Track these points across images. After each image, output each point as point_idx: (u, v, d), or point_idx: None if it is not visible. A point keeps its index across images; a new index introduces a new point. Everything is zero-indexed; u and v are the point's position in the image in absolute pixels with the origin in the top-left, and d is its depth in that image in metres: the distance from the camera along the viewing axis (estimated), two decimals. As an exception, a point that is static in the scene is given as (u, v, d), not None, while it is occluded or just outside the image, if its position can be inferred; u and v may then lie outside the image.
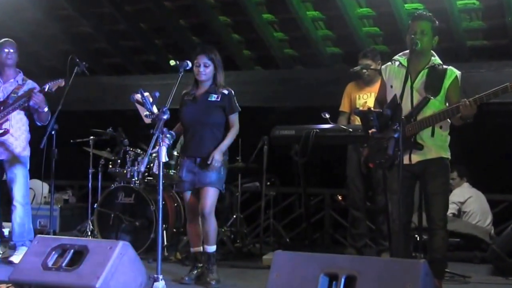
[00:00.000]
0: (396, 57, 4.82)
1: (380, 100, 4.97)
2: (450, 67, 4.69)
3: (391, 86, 4.74)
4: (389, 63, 4.87)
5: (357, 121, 5.99)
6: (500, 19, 6.89)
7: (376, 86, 6.27)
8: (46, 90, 5.81)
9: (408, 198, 4.72)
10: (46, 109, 5.94)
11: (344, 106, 6.55)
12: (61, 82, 5.86)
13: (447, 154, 4.71)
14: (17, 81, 6.11)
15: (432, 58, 4.71)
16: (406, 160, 4.61)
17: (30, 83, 6.12)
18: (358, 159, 6.38)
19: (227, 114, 5.35)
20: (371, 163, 4.89)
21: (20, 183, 6.01)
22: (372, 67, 6.33)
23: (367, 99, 6.37)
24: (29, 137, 6.14)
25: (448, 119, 4.64)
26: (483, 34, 7.29)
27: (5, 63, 6.06)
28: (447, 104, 4.63)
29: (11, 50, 6.06)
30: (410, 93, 4.64)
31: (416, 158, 4.65)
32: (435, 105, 4.59)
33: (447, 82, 4.62)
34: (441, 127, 4.64)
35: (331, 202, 8.26)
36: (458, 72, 4.67)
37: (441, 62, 4.70)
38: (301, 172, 6.22)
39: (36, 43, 8.87)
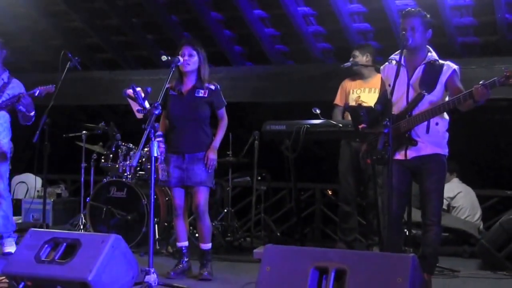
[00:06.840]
0: (392, 56, 4.83)
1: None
2: (448, 62, 4.70)
3: (389, 85, 4.72)
4: (387, 63, 4.89)
5: (349, 116, 6.01)
6: (490, 16, 6.90)
7: (372, 83, 6.34)
8: (36, 95, 5.89)
9: (403, 193, 4.77)
10: (32, 113, 6.00)
11: (338, 100, 6.58)
12: (51, 89, 5.94)
13: (444, 151, 4.74)
14: (3, 79, 6.13)
15: (429, 53, 4.72)
16: (401, 156, 4.68)
17: (16, 83, 6.15)
18: (351, 155, 6.42)
19: (215, 109, 5.39)
20: (368, 159, 4.92)
21: (2, 177, 6.06)
22: (357, 59, 6.38)
23: (360, 93, 6.39)
24: (10, 134, 6.16)
25: (445, 116, 4.68)
26: (474, 30, 7.32)
27: None
28: (447, 99, 4.65)
29: None
30: (406, 89, 4.68)
31: (411, 153, 4.68)
32: (432, 100, 4.62)
33: (443, 77, 4.64)
34: (437, 124, 4.65)
35: (321, 196, 8.31)
36: (455, 66, 4.68)
37: (437, 58, 4.70)
38: (291, 167, 6.26)
39: (28, 38, 8.87)
